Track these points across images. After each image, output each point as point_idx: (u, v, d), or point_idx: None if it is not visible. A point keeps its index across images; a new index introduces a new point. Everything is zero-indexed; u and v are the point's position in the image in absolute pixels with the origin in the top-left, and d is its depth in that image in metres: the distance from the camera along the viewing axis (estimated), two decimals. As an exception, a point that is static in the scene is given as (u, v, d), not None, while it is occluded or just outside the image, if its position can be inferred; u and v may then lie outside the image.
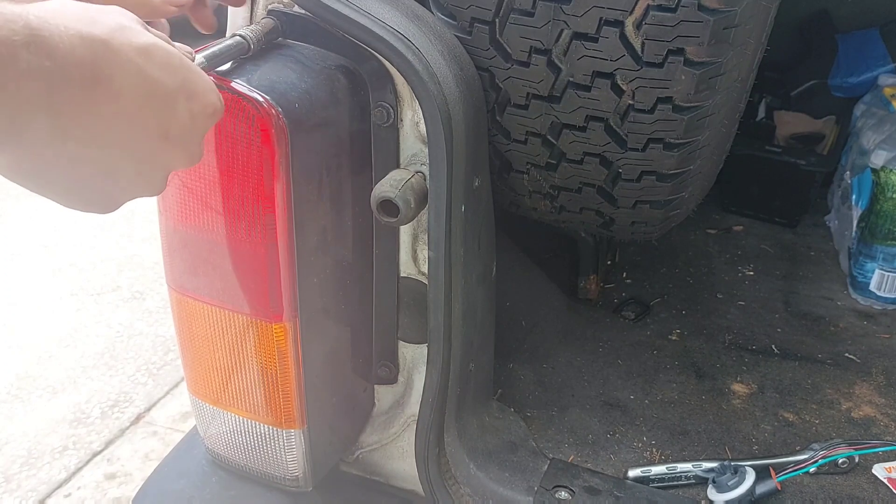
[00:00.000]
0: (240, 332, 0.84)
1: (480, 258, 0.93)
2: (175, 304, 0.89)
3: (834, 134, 1.90)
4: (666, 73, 0.80)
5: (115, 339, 2.60)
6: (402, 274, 0.91)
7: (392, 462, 1.03)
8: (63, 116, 0.44)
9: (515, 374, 1.20)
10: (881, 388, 1.22)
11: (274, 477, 0.94)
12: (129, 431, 2.20)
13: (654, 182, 0.91)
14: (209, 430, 0.96)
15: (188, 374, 0.93)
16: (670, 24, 0.76)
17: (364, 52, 0.78)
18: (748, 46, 0.84)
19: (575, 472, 0.99)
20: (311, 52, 0.81)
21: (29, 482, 2.01)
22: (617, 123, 0.85)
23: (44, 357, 2.50)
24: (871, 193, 1.48)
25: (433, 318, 0.87)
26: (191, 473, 1.01)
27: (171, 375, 2.42)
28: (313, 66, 0.79)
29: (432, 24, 0.82)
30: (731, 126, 0.96)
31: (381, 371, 0.97)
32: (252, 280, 0.80)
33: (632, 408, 1.15)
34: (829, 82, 1.93)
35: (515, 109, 0.88)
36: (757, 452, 1.06)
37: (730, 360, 1.29)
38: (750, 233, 1.81)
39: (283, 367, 0.84)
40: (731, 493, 0.93)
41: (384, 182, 0.79)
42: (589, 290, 1.45)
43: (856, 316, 1.47)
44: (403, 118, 0.82)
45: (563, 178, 0.94)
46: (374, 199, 0.78)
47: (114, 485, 2.01)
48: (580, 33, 0.80)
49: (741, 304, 1.49)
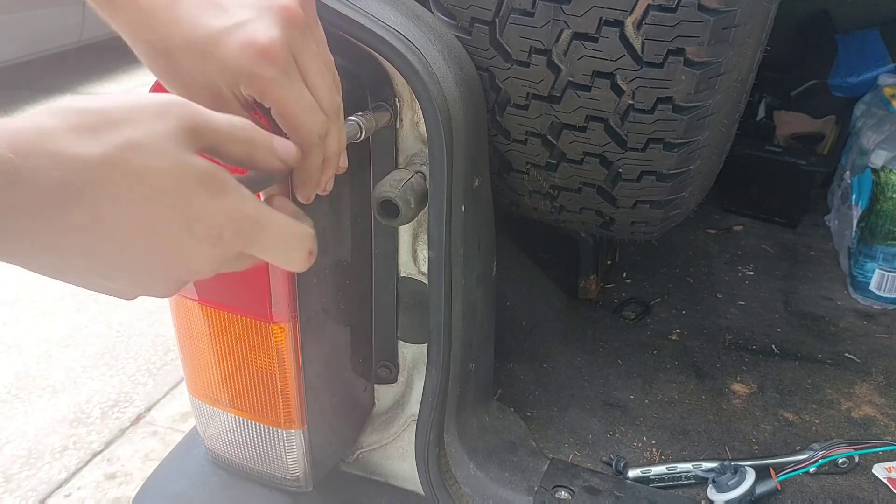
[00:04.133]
0: (239, 333, 0.84)
1: (480, 258, 0.93)
2: (174, 305, 0.89)
3: (834, 134, 1.90)
4: (666, 73, 0.80)
5: (115, 339, 2.60)
6: (402, 274, 0.91)
7: (392, 462, 1.03)
8: (32, 235, 0.41)
9: (515, 374, 1.20)
10: (881, 388, 1.22)
11: (274, 477, 0.94)
12: (129, 431, 2.20)
13: (654, 182, 0.91)
14: (209, 430, 0.96)
15: (188, 375, 0.93)
16: (670, 24, 0.76)
17: (363, 52, 0.78)
18: (748, 46, 0.84)
19: (575, 472, 0.99)
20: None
21: (29, 482, 2.01)
22: (617, 123, 0.85)
23: (44, 357, 2.50)
24: (871, 193, 1.48)
25: (433, 318, 0.87)
26: (191, 473, 1.01)
27: (171, 375, 2.42)
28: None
29: (432, 23, 0.82)
30: (731, 126, 0.96)
31: (381, 371, 0.97)
32: (251, 281, 0.80)
33: (632, 408, 1.15)
34: (829, 82, 1.93)
35: (515, 109, 0.88)
36: (757, 452, 1.06)
37: (730, 360, 1.29)
38: (750, 233, 1.81)
39: (283, 368, 0.84)
40: (731, 493, 0.93)
41: (384, 182, 0.79)
42: (589, 290, 1.45)
43: (856, 316, 1.47)
44: (403, 118, 0.82)
45: (563, 178, 0.94)
46: (374, 200, 0.78)
47: (114, 485, 2.01)
48: (580, 33, 0.80)
49: (741, 304, 1.49)
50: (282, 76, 0.54)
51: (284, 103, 0.55)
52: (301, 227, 0.54)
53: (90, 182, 0.42)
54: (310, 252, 0.54)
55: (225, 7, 0.54)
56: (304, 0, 0.57)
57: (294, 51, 0.55)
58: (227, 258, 0.49)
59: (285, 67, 0.54)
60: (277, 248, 0.52)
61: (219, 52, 0.53)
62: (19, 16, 4.70)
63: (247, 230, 0.49)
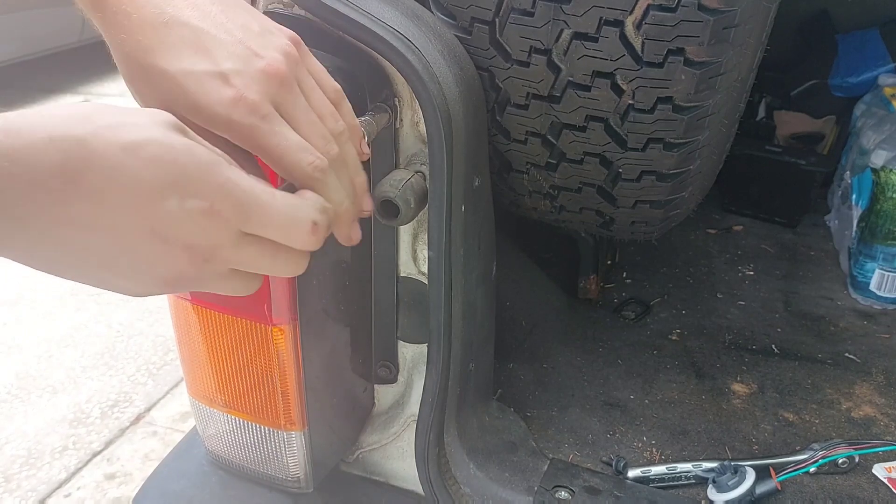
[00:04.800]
0: (239, 335, 0.84)
1: (480, 258, 0.93)
2: (174, 308, 0.89)
3: (834, 134, 1.90)
4: (666, 73, 0.80)
5: (115, 339, 2.60)
6: (402, 274, 0.91)
7: (392, 462, 1.03)
8: (30, 221, 0.41)
9: (515, 374, 1.20)
10: (881, 387, 1.22)
11: (275, 479, 0.94)
12: (129, 431, 2.20)
13: (654, 182, 0.91)
14: (209, 432, 0.96)
15: (188, 377, 0.93)
16: (670, 23, 0.76)
17: (363, 52, 0.78)
18: (748, 46, 0.84)
19: (575, 472, 0.99)
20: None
21: (29, 482, 2.01)
22: (617, 123, 0.85)
23: (44, 357, 2.50)
24: (871, 193, 1.48)
25: (433, 318, 0.87)
26: (191, 474, 1.00)
27: (170, 375, 2.42)
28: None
29: (432, 23, 0.82)
30: (731, 126, 0.96)
31: (381, 371, 0.97)
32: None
33: (632, 408, 1.15)
34: (829, 82, 1.93)
35: (515, 109, 0.88)
36: (757, 452, 1.06)
37: (730, 360, 1.29)
38: (750, 233, 1.81)
39: (283, 370, 0.84)
40: (731, 493, 0.93)
41: (384, 182, 0.79)
42: (589, 290, 1.45)
43: (856, 316, 1.47)
44: (403, 118, 0.82)
45: (563, 178, 0.94)
46: (375, 200, 0.78)
47: (114, 485, 2.01)
48: (580, 33, 0.80)
49: (741, 304, 1.49)
50: (262, 123, 0.53)
51: (266, 146, 0.54)
52: (301, 199, 0.52)
53: (81, 159, 0.42)
54: (314, 223, 0.52)
55: (212, 53, 0.53)
56: (291, 52, 0.56)
57: (277, 103, 0.54)
58: (228, 240, 0.48)
59: (265, 116, 0.53)
60: (278, 220, 0.50)
61: (197, 94, 0.52)
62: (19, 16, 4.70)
63: (242, 201, 0.48)
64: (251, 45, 0.54)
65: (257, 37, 0.55)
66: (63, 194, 0.42)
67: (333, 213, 0.56)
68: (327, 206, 0.54)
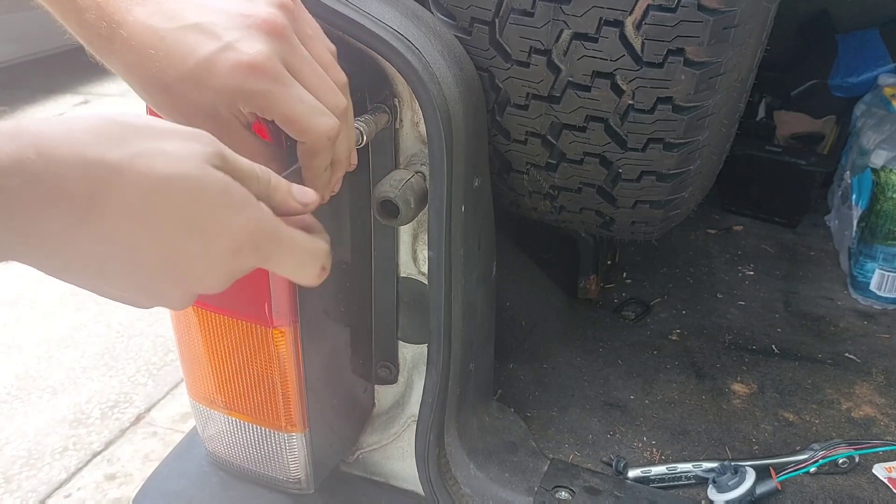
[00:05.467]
0: (239, 337, 0.84)
1: (480, 258, 0.93)
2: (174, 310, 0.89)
3: (834, 134, 1.90)
4: (666, 73, 0.80)
5: (115, 339, 2.60)
6: (402, 274, 0.91)
7: (392, 462, 1.03)
8: (48, 236, 0.41)
9: (515, 374, 1.20)
10: (881, 388, 1.22)
11: (276, 480, 0.94)
12: (129, 432, 2.20)
13: (654, 182, 0.91)
14: (209, 433, 0.96)
15: (188, 378, 0.93)
16: (670, 24, 0.76)
17: (363, 52, 0.78)
18: (748, 46, 0.84)
19: (575, 472, 0.99)
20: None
21: (29, 483, 2.01)
22: (617, 123, 0.85)
23: (44, 357, 2.50)
24: (871, 193, 1.48)
25: (433, 318, 0.87)
26: (191, 474, 1.00)
27: (170, 376, 2.42)
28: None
29: (432, 24, 0.82)
30: (731, 126, 0.96)
31: (381, 371, 0.97)
32: (251, 286, 0.80)
33: (632, 408, 1.15)
34: (829, 82, 1.93)
35: (515, 109, 0.88)
36: (757, 452, 1.06)
37: (730, 360, 1.29)
38: (750, 233, 1.81)
39: (284, 372, 0.84)
40: (732, 493, 0.93)
41: (384, 182, 0.79)
42: (589, 290, 1.45)
43: (856, 316, 1.47)
44: (403, 118, 0.82)
45: (563, 179, 0.94)
46: (374, 200, 0.78)
47: (114, 485, 2.01)
48: (580, 33, 0.80)
49: (741, 304, 1.49)
50: (275, 86, 0.55)
51: (284, 111, 0.55)
52: (315, 244, 0.55)
53: (113, 186, 0.41)
54: (322, 268, 0.56)
55: (213, 32, 0.54)
56: (284, 2, 0.57)
57: (284, 58, 0.56)
58: (241, 272, 0.50)
59: (277, 77, 0.55)
60: (292, 263, 0.53)
61: (211, 77, 0.54)
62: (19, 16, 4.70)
63: (264, 246, 0.49)
64: (243, 10, 0.56)
65: (246, 0, 0.57)
66: (87, 215, 0.41)
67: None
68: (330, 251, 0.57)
